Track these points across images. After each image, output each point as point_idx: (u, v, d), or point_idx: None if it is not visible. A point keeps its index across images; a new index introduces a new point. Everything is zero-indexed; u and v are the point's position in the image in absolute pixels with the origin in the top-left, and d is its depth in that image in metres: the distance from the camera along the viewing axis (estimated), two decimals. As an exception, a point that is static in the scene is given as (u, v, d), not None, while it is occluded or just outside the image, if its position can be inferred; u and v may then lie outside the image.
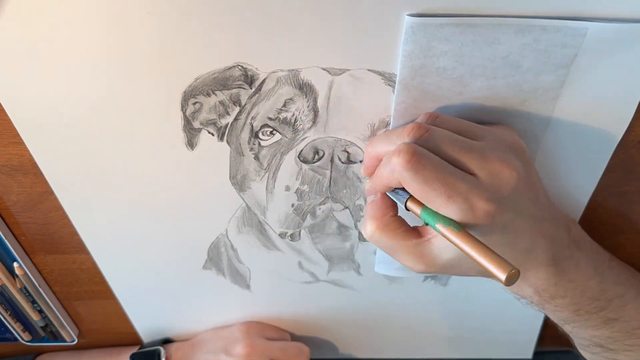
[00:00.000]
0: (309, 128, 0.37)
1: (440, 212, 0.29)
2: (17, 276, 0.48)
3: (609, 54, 0.32)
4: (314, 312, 0.52)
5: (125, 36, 0.32)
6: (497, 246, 0.30)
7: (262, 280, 0.48)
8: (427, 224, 0.31)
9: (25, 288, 0.49)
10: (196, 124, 0.37)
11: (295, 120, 0.37)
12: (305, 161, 0.39)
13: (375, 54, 0.34)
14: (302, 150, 0.38)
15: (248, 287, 0.49)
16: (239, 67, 0.34)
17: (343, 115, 0.37)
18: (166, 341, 0.56)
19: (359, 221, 0.43)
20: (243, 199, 0.42)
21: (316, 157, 0.39)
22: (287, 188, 0.40)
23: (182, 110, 0.36)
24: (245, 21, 0.32)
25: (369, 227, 0.33)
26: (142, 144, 0.38)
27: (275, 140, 0.38)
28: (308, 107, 0.36)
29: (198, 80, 0.35)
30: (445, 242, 0.31)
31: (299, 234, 0.44)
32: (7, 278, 0.48)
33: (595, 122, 0.37)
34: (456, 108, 0.35)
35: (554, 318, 0.40)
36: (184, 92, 0.35)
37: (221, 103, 0.36)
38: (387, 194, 0.34)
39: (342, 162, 0.39)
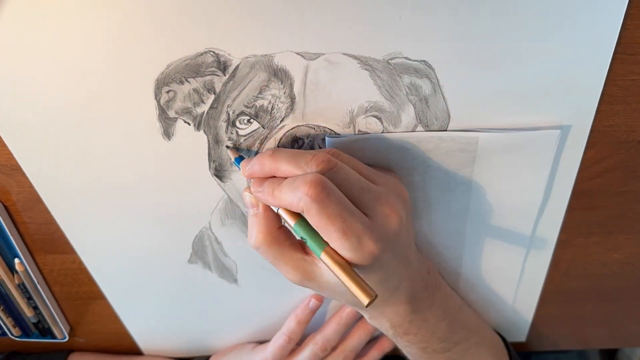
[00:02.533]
0: (287, 116, 0.36)
1: (332, 245, 0.31)
2: (16, 272, 0.48)
3: (504, 155, 0.38)
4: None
5: (92, 24, 0.32)
6: (371, 282, 0.33)
7: (250, 274, 0.48)
8: (301, 238, 0.33)
9: (22, 284, 0.49)
10: (171, 113, 0.37)
11: (272, 108, 0.36)
12: (284, 150, 0.38)
13: (350, 37, 0.33)
14: (281, 139, 0.37)
15: (235, 281, 0.48)
16: (211, 52, 0.34)
17: (320, 102, 0.36)
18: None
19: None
20: (224, 191, 0.41)
21: (296, 145, 0.38)
22: (269, 178, 0.40)
23: (156, 99, 0.36)
24: (214, 4, 0.31)
25: (255, 239, 0.35)
26: (118, 136, 0.38)
27: (254, 129, 0.37)
28: (284, 93, 0.35)
29: (170, 68, 0.34)
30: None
31: (283, 225, 0.43)
32: (5, 273, 0.49)
33: (507, 206, 0.42)
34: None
35: (403, 351, 0.44)
36: (157, 80, 0.35)
37: (195, 91, 0.36)
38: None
39: (323, 151, 0.38)
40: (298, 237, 0.33)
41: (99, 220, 0.43)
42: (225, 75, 0.35)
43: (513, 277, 0.48)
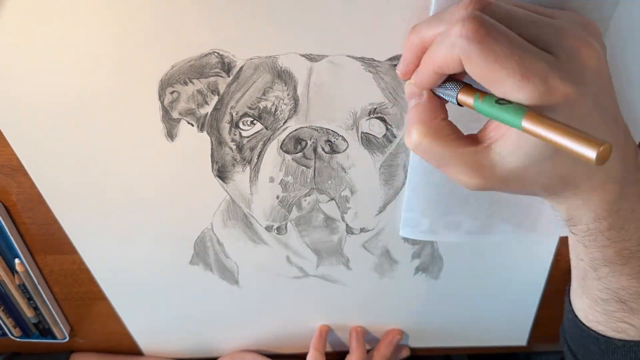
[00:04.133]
0: (290, 117, 0.37)
1: (509, 97, 0.24)
2: (16, 272, 0.48)
3: None
4: (304, 308, 0.51)
5: (97, 24, 0.32)
6: None
7: (251, 275, 0.48)
8: (487, 116, 0.26)
9: (23, 285, 0.49)
10: (175, 114, 0.37)
11: (276, 110, 0.36)
12: (287, 152, 0.38)
13: (354, 39, 0.33)
14: (284, 141, 0.38)
15: (237, 282, 0.48)
16: (215, 54, 0.34)
17: (324, 104, 0.36)
18: None
19: (346, 213, 0.42)
20: (227, 192, 0.41)
21: (298, 147, 0.38)
22: (271, 179, 0.40)
23: (159, 100, 0.36)
24: (219, 6, 0.31)
25: (415, 134, 0.28)
26: (121, 137, 0.38)
27: (257, 131, 0.37)
28: (288, 95, 0.35)
29: (174, 69, 0.34)
30: (508, 147, 0.27)
31: (285, 227, 0.43)
32: (6, 274, 0.49)
33: None
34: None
35: (593, 257, 0.34)
36: (161, 80, 0.35)
37: (199, 92, 0.36)
38: (436, 91, 0.29)
39: (326, 153, 0.38)
40: (486, 118, 0.27)
41: (102, 221, 0.43)
42: (229, 77, 0.35)
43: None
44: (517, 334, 0.55)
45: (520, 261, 0.47)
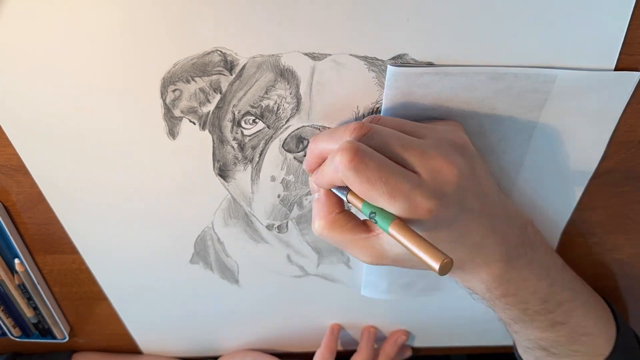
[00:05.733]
0: (293, 116, 0.37)
1: (386, 209, 0.30)
2: (16, 272, 0.48)
3: (576, 99, 0.35)
4: (304, 307, 0.51)
5: (99, 22, 0.32)
6: (445, 242, 0.32)
7: (251, 274, 0.48)
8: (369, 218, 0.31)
9: (23, 284, 0.49)
10: (177, 112, 0.37)
11: (278, 108, 0.36)
12: (289, 150, 0.38)
13: (357, 38, 0.33)
14: (286, 139, 0.38)
15: (237, 281, 0.48)
16: (218, 52, 0.34)
17: (326, 103, 0.36)
18: None
19: (347, 212, 0.42)
20: (228, 190, 0.41)
21: (300, 146, 0.38)
22: (273, 178, 0.40)
23: (161, 97, 0.36)
24: (222, 3, 0.31)
25: (316, 225, 0.34)
26: (123, 135, 0.38)
27: (259, 129, 0.37)
28: (290, 94, 0.36)
29: (177, 66, 0.34)
30: (391, 239, 0.31)
31: (286, 225, 0.43)
32: (5, 274, 0.49)
33: (566, 159, 0.39)
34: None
35: (503, 317, 0.40)
36: (163, 78, 0.35)
37: (201, 90, 0.36)
38: (332, 189, 0.34)
39: (327, 151, 0.38)
40: (367, 218, 0.31)
41: (102, 220, 0.43)
42: (231, 75, 0.35)
43: None
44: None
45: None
